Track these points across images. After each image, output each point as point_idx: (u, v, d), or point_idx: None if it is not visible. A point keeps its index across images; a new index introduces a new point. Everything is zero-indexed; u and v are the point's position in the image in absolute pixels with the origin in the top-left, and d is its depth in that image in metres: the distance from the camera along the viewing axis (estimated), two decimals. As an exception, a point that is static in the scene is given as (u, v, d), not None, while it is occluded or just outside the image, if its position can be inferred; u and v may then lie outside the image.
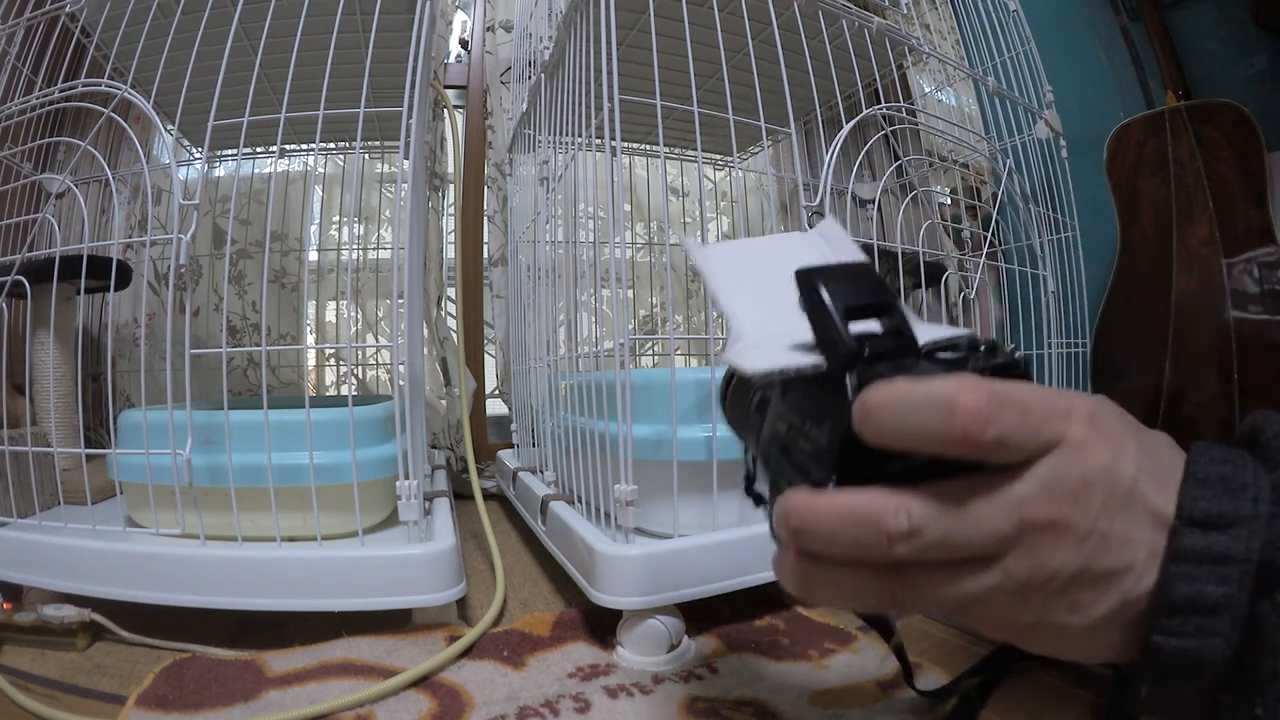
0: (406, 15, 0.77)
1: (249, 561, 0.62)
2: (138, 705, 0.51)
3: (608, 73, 0.65)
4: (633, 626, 0.60)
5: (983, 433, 0.21)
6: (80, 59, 0.82)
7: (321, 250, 1.43)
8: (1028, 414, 0.22)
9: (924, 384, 0.22)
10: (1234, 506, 0.23)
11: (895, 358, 0.25)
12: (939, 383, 0.22)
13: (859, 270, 0.27)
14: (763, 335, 0.29)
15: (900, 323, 0.26)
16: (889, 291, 0.27)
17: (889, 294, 0.26)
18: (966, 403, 0.21)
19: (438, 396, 1.32)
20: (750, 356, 0.27)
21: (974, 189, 1.30)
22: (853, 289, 0.26)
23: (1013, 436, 0.22)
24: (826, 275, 0.27)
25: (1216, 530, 0.23)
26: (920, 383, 0.22)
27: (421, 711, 0.51)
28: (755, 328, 0.30)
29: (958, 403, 0.21)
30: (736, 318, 0.31)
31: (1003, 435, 0.22)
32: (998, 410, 0.22)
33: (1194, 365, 1.17)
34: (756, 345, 0.28)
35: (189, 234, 0.63)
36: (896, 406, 0.22)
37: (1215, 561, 0.22)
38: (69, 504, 0.78)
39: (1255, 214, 1.14)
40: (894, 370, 0.24)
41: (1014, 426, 0.22)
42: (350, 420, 0.65)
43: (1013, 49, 1.09)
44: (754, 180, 1.50)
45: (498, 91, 1.42)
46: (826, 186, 0.73)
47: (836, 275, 0.27)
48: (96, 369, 1.19)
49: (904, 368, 0.24)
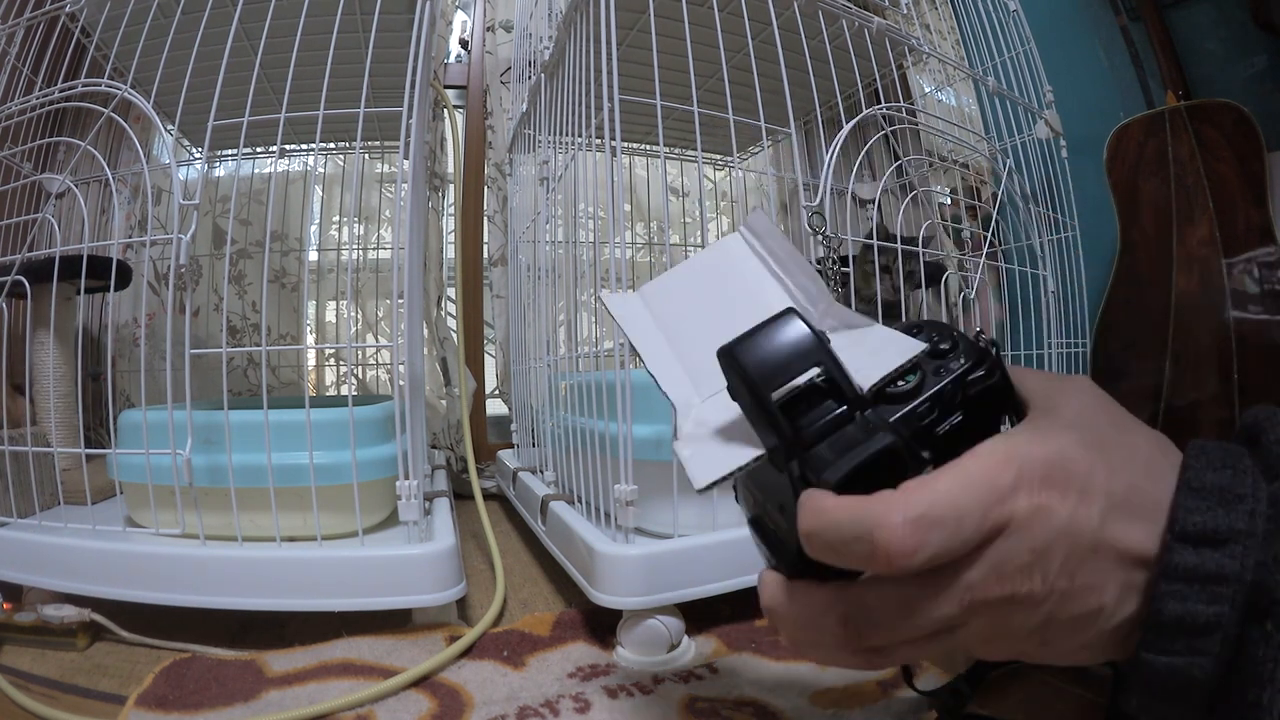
0: (406, 15, 0.77)
1: (249, 561, 0.62)
2: (138, 705, 0.51)
3: (608, 73, 0.65)
4: (633, 626, 0.60)
5: (909, 563, 0.21)
6: (80, 59, 0.82)
7: (321, 250, 1.43)
8: (961, 522, 0.21)
9: (847, 511, 0.22)
10: (1229, 521, 0.22)
11: (836, 427, 0.24)
12: (861, 510, 0.21)
13: (782, 324, 0.25)
14: (704, 416, 0.28)
15: (835, 372, 0.24)
16: (816, 342, 0.25)
17: (816, 344, 0.25)
18: (887, 541, 0.21)
19: (438, 396, 1.32)
20: (695, 462, 0.26)
21: (974, 189, 1.30)
22: (779, 354, 0.25)
23: (947, 550, 0.21)
24: (747, 351, 0.25)
25: (1210, 547, 0.22)
26: (844, 509, 0.22)
27: (421, 711, 0.51)
28: (694, 408, 0.28)
29: (877, 542, 0.21)
30: (671, 392, 0.30)
31: (935, 555, 0.21)
32: (923, 535, 0.21)
33: (1194, 365, 1.17)
34: (698, 438, 0.27)
35: (189, 234, 0.63)
36: (825, 537, 0.22)
37: (1207, 580, 0.21)
38: (69, 504, 0.78)
39: (1255, 214, 1.14)
40: (835, 452, 0.23)
41: (945, 542, 0.21)
42: (350, 420, 0.65)
43: (1013, 49, 1.09)
44: (754, 180, 1.50)
45: (498, 91, 1.42)
46: (826, 186, 0.73)
47: (759, 345, 0.25)
48: (96, 369, 1.19)
49: (844, 443, 0.23)
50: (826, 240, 0.70)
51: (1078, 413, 0.25)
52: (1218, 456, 0.23)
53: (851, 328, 0.29)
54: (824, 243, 0.71)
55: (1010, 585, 0.22)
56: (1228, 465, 0.23)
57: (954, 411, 0.26)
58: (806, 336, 0.25)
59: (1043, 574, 0.22)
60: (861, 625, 0.23)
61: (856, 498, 0.22)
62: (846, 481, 0.23)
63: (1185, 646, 0.22)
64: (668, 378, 0.30)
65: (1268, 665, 0.21)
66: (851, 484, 0.23)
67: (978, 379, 0.26)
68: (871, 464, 0.23)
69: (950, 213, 1.39)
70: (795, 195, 1.49)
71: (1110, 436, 0.24)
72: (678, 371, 0.30)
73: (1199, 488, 0.22)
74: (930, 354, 0.27)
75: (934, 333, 0.28)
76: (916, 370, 0.26)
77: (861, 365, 0.26)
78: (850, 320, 0.30)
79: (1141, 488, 0.23)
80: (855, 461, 0.23)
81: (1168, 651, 0.22)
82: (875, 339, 0.28)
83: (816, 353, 0.25)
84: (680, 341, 0.31)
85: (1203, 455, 0.24)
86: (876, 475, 0.23)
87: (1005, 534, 0.22)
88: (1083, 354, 1.13)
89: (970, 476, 0.22)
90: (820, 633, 0.24)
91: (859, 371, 0.25)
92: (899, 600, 0.23)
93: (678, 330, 0.32)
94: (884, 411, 0.25)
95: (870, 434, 0.23)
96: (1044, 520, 0.22)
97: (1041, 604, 0.22)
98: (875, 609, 0.23)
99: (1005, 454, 0.22)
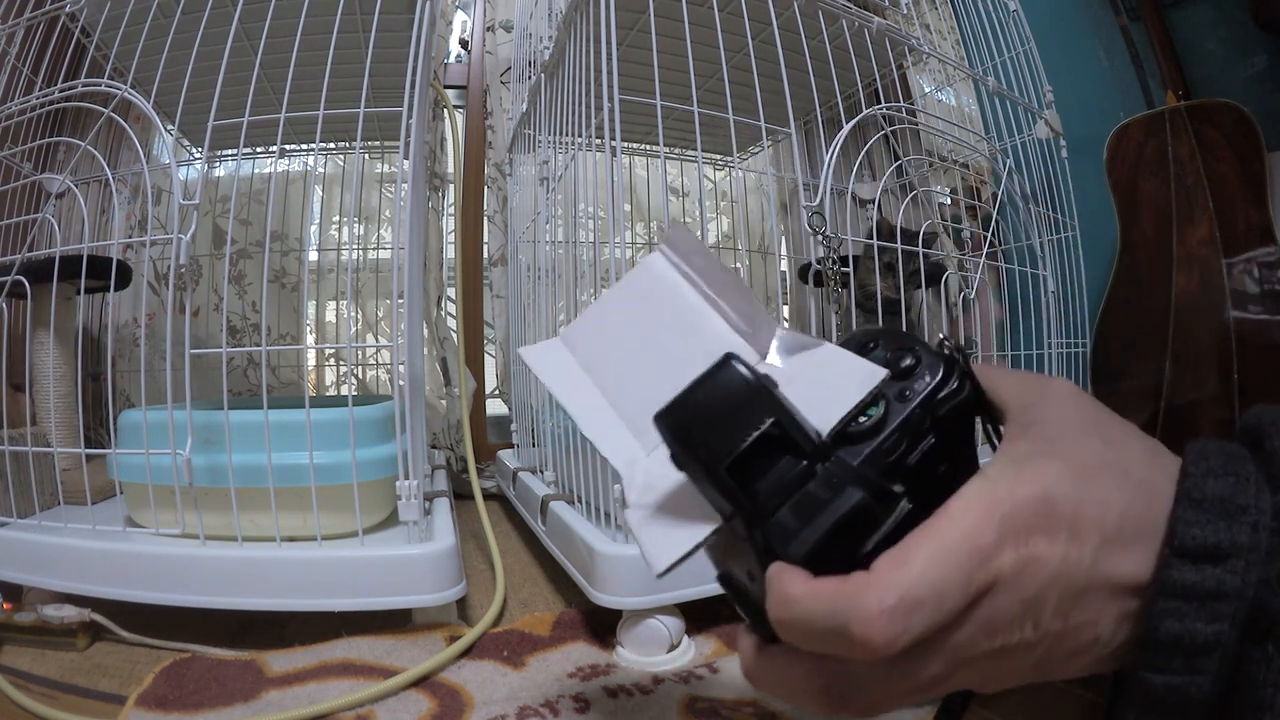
0: (406, 15, 0.77)
1: (249, 561, 0.62)
2: (138, 705, 0.51)
3: (608, 73, 0.65)
4: (633, 626, 0.60)
5: (891, 651, 0.20)
6: (80, 59, 0.82)
7: (321, 250, 1.43)
8: (942, 598, 0.20)
9: (818, 602, 0.20)
10: (1231, 535, 0.21)
11: (796, 486, 0.22)
12: (834, 600, 0.20)
13: (722, 377, 0.22)
14: (652, 477, 0.25)
15: (788, 423, 0.22)
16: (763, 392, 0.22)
17: (764, 394, 0.22)
18: (864, 634, 0.20)
19: (438, 396, 1.32)
20: (650, 541, 0.24)
21: (974, 189, 1.30)
22: (723, 413, 0.22)
23: (931, 628, 0.20)
24: (687, 417, 0.22)
25: (1210, 563, 0.21)
26: (814, 600, 0.20)
27: (421, 711, 0.51)
28: (639, 466, 0.26)
29: (854, 636, 0.20)
30: (610, 454, 0.27)
31: (921, 634, 0.20)
32: (903, 622, 0.20)
33: (1194, 365, 1.17)
34: (647, 508, 0.25)
35: (189, 234, 0.63)
36: (797, 629, 0.21)
37: (1207, 598, 0.20)
38: (69, 504, 0.78)
39: (1255, 214, 1.14)
40: (798, 518, 0.21)
41: (928, 621, 0.20)
42: (350, 420, 0.65)
43: (1013, 49, 1.09)
44: (754, 180, 1.50)
45: (498, 91, 1.42)
46: (826, 186, 0.73)
47: (699, 406, 0.22)
48: (96, 369, 1.19)
49: (807, 506, 0.22)
50: (826, 240, 0.70)
51: (1061, 428, 0.24)
52: (1219, 462, 0.22)
53: (797, 351, 0.27)
54: (824, 243, 0.70)
55: (1001, 638, 0.21)
56: (1229, 472, 0.22)
57: (924, 437, 0.24)
58: (751, 387, 0.22)
59: (1034, 621, 0.21)
60: (845, 694, 0.22)
61: (828, 585, 0.20)
62: (814, 552, 0.21)
63: (1183, 665, 0.21)
64: (604, 436, 0.27)
65: (1268, 690, 0.20)
66: (821, 553, 0.21)
67: (947, 396, 0.24)
68: (839, 528, 0.21)
69: (950, 213, 1.39)
70: (795, 195, 1.49)
71: (1098, 457, 0.23)
72: (616, 426, 0.27)
73: (1199, 499, 0.21)
74: (891, 375, 0.24)
75: (892, 347, 0.25)
76: (879, 399, 0.24)
77: (816, 404, 0.23)
78: (793, 343, 0.27)
79: (1135, 514, 0.22)
80: (820, 531, 0.21)
81: (1165, 670, 0.21)
82: (827, 366, 0.26)
83: (765, 404, 0.22)
84: (614, 388, 0.28)
85: (1203, 460, 0.22)
86: (849, 535, 0.21)
87: (993, 592, 0.21)
88: (1083, 354, 1.12)
89: (947, 544, 0.20)
90: (803, 699, 0.23)
91: (815, 413, 0.23)
92: (884, 670, 0.22)
93: (609, 376, 0.29)
94: (848, 455, 0.23)
95: (835, 491, 0.21)
96: (1033, 571, 0.21)
97: (1035, 648, 0.22)
98: (858, 676, 0.22)
99: (984, 508, 0.21)
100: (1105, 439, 0.24)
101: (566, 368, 0.30)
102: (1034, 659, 0.22)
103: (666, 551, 0.23)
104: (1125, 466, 0.23)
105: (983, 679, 0.23)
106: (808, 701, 0.23)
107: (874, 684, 0.22)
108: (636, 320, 0.29)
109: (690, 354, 0.24)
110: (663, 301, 0.29)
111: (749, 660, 0.25)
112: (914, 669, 0.22)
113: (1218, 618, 0.20)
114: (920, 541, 0.21)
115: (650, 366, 0.27)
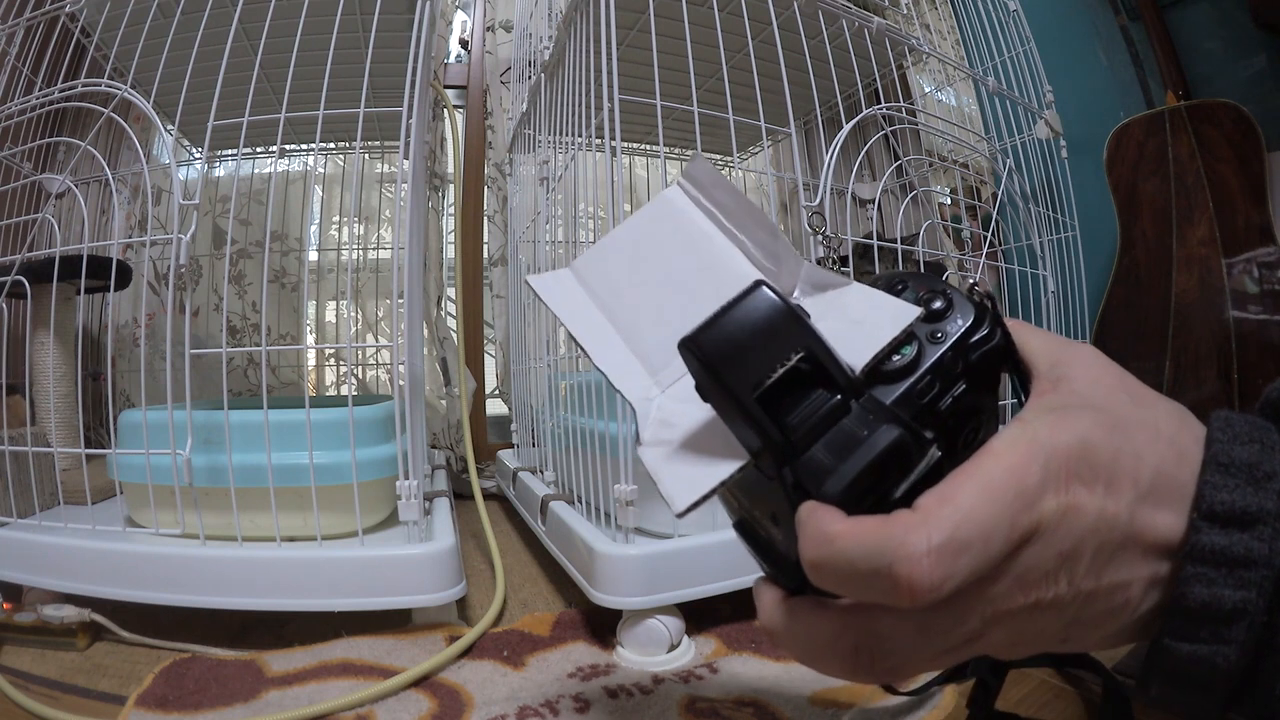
0: (406, 15, 0.77)
1: (249, 561, 0.62)
2: (138, 705, 0.51)
3: (608, 73, 0.65)
4: (633, 626, 0.60)
5: (936, 597, 0.19)
6: (80, 59, 0.82)
7: (321, 250, 1.43)
8: (989, 540, 0.19)
9: (859, 540, 0.19)
10: (1259, 500, 0.20)
11: (830, 422, 0.21)
12: (877, 538, 0.19)
13: (752, 302, 0.21)
14: (668, 413, 0.24)
15: (823, 355, 0.21)
16: (796, 320, 0.21)
17: (796, 322, 0.21)
18: (909, 575, 0.18)
19: (438, 396, 1.32)
20: (669, 479, 0.22)
21: (974, 189, 1.30)
22: (753, 340, 0.21)
23: (975, 574, 0.19)
24: (714, 341, 0.21)
25: (1238, 528, 0.20)
26: (856, 538, 0.19)
27: (421, 711, 0.51)
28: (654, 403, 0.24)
29: (898, 577, 0.19)
30: (624, 387, 0.25)
31: (965, 579, 0.19)
32: (950, 564, 0.19)
33: (1194, 365, 1.17)
34: (665, 444, 0.23)
35: (189, 234, 0.63)
36: (835, 570, 0.20)
37: (1235, 564, 0.20)
38: (69, 504, 0.78)
39: (1255, 214, 1.14)
40: (833, 454, 0.20)
41: (974, 565, 0.19)
42: (350, 420, 0.65)
43: (1013, 49, 1.09)
44: (754, 180, 1.50)
45: (498, 91, 1.42)
46: (826, 186, 0.73)
47: (727, 331, 0.21)
48: (96, 369, 1.19)
49: (842, 441, 0.20)
50: (826, 240, 0.70)
51: (1091, 385, 0.23)
52: (1244, 430, 0.22)
53: (825, 289, 0.26)
54: (824, 243, 0.71)
55: (1035, 593, 0.20)
56: (1255, 439, 0.21)
57: (956, 382, 0.23)
58: (783, 314, 0.21)
59: (1069, 577, 0.21)
60: (875, 652, 0.21)
61: (869, 523, 0.19)
62: (851, 490, 0.20)
63: (1210, 634, 0.20)
64: (618, 370, 0.26)
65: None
66: (856, 492, 0.20)
67: (978, 341, 0.23)
68: (877, 467, 0.20)
69: (950, 213, 1.39)
70: (795, 195, 1.49)
71: (1131, 414, 0.22)
72: (629, 360, 0.26)
73: (1226, 463, 0.21)
74: (922, 317, 0.23)
75: (923, 289, 0.24)
76: (911, 339, 0.23)
77: (848, 341, 0.22)
78: (823, 280, 0.26)
79: (1166, 471, 0.21)
80: (859, 466, 0.20)
81: (1191, 639, 0.21)
82: (857, 303, 0.24)
83: (798, 333, 0.21)
84: (627, 323, 0.27)
85: (1229, 428, 0.22)
86: (884, 475, 0.20)
87: (1032, 541, 0.20)
88: (1083, 354, 1.12)
89: (993, 482, 0.20)
90: (829, 657, 0.22)
91: (847, 349, 0.22)
92: (916, 625, 0.21)
93: (622, 309, 0.27)
94: (880, 394, 0.22)
95: (871, 427, 0.20)
96: (1072, 520, 0.20)
97: (1067, 607, 0.21)
98: (890, 635, 0.21)
99: (1028, 448, 0.20)
100: (1135, 399, 0.23)
101: (577, 299, 0.28)
102: (1065, 619, 0.21)
103: (689, 489, 0.22)
104: (1156, 424, 0.22)
105: (1012, 640, 0.22)
106: (833, 662, 0.22)
107: (906, 641, 0.21)
108: (652, 253, 0.28)
109: (710, 288, 0.23)
110: (680, 235, 0.27)
111: (771, 614, 0.23)
112: (948, 625, 0.21)
113: (1245, 584, 0.20)
114: (965, 479, 0.20)
115: (666, 301, 0.26)
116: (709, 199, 0.27)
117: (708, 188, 0.27)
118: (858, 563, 0.19)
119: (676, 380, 0.24)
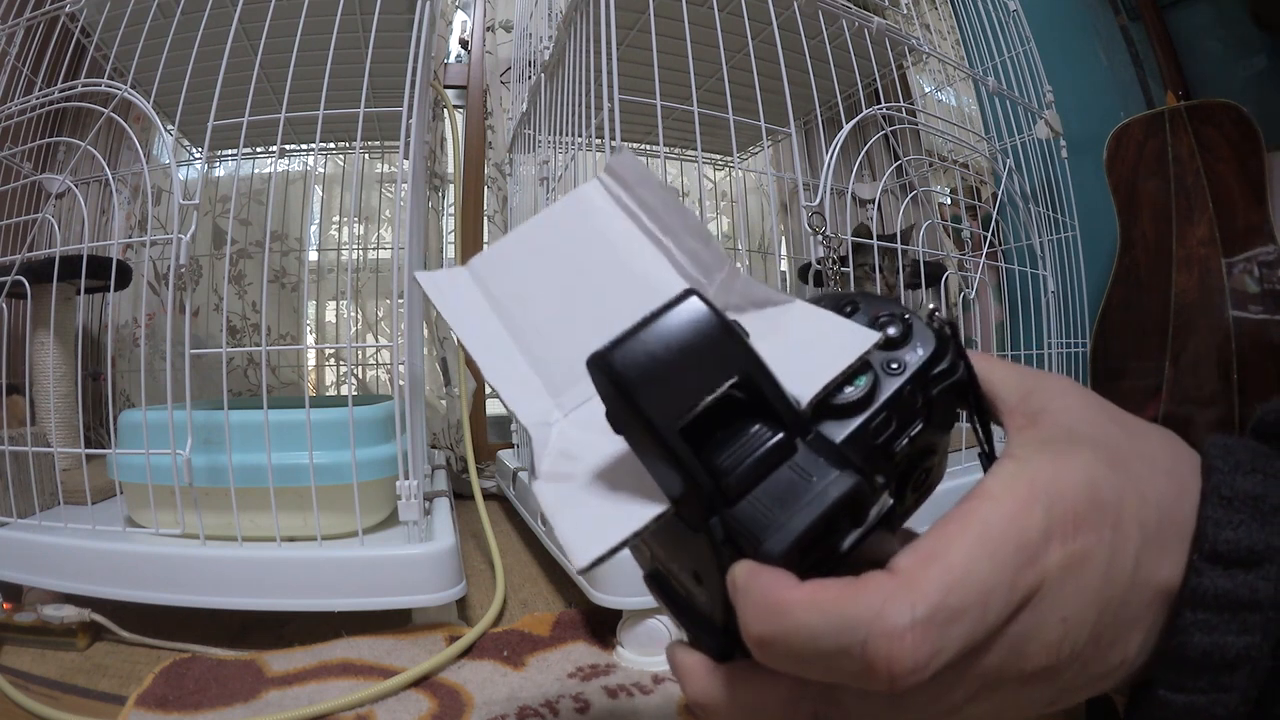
0: (406, 15, 0.77)
1: (249, 561, 0.62)
2: (138, 705, 0.51)
3: (608, 73, 0.65)
4: (633, 626, 0.60)
5: (921, 677, 0.16)
6: (80, 59, 0.82)
7: (321, 250, 1.43)
8: (987, 605, 0.16)
9: (823, 613, 0.16)
10: (1265, 537, 0.18)
11: (770, 465, 0.17)
12: (846, 609, 0.16)
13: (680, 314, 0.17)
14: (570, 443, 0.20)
15: (765, 384, 0.17)
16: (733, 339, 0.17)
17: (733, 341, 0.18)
18: (889, 654, 0.15)
19: (438, 396, 1.32)
20: (569, 526, 0.18)
21: (974, 189, 1.30)
22: (680, 361, 0.17)
23: (969, 643, 0.16)
24: (631, 361, 0.17)
25: (1242, 568, 0.18)
26: (818, 609, 0.16)
27: (421, 711, 0.51)
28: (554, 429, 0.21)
29: (874, 657, 0.15)
30: (519, 408, 0.22)
31: (955, 655, 0.16)
32: (939, 638, 0.16)
33: (1194, 365, 1.17)
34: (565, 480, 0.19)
35: (189, 234, 0.63)
36: (791, 648, 0.16)
37: (1239, 608, 0.18)
38: (69, 504, 0.78)
39: (1255, 214, 1.14)
40: (774, 504, 0.17)
41: (967, 634, 0.16)
42: (350, 420, 0.65)
43: (1013, 49, 1.09)
44: (754, 180, 1.50)
45: (498, 91, 1.42)
46: (826, 186, 0.73)
47: (648, 349, 0.17)
48: (96, 369, 1.19)
49: (784, 489, 0.17)
50: (826, 240, 0.70)
51: (1075, 416, 0.20)
52: (1245, 458, 0.19)
53: (764, 305, 0.22)
54: (824, 242, 0.71)
55: (1032, 662, 0.18)
56: (1257, 469, 0.19)
57: (914, 420, 0.20)
58: (717, 330, 0.17)
59: (1072, 644, 0.18)
60: None
61: (832, 589, 0.16)
62: (795, 548, 0.17)
63: (1209, 683, 0.18)
64: (512, 387, 0.22)
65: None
66: (802, 551, 0.17)
67: (940, 374, 0.20)
68: (827, 521, 0.17)
69: (950, 213, 1.39)
70: (795, 195, 1.49)
71: (1127, 447, 0.20)
72: (527, 377, 0.22)
73: (1229, 496, 0.19)
74: (880, 344, 0.20)
75: (877, 312, 0.21)
76: (866, 369, 0.20)
77: (793, 367, 0.19)
78: (761, 296, 0.22)
79: (1167, 507, 0.19)
80: (808, 521, 0.17)
81: (1188, 690, 0.19)
82: (803, 324, 0.21)
83: (734, 355, 0.17)
84: (528, 333, 0.23)
85: (1229, 455, 0.19)
86: (832, 529, 0.17)
87: (1034, 602, 0.17)
88: (1083, 354, 1.12)
89: (992, 533, 0.17)
90: None
91: (791, 377, 0.18)
92: (888, 702, 0.17)
93: (524, 318, 0.23)
94: (828, 430, 0.19)
95: (822, 473, 0.17)
96: (1079, 575, 0.17)
97: (1062, 674, 0.18)
98: (855, 711, 0.18)
99: (1028, 491, 0.17)
100: (1124, 427, 0.21)
101: (472, 302, 0.24)
102: (1055, 689, 0.19)
103: (591, 542, 0.17)
104: (1152, 456, 0.20)
105: (995, 713, 0.19)
106: None
107: (873, 716, 0.18)
108: (563, 257, 0.24)
109: (628, 299, 0.20)
110: (597, 236, 0.24)
111: (703, 686, 0.19)
112: (925, 701, 0.17)
113: (1249, 629, 0.18)
114: (958, 530, 0.17)
115: (576, 311, 0.23)
116: (632, 198, 0.24)
117: (632, 185, 0.24)
118: (821, 640, 0.16)
119: (583, 403, 0.20)
